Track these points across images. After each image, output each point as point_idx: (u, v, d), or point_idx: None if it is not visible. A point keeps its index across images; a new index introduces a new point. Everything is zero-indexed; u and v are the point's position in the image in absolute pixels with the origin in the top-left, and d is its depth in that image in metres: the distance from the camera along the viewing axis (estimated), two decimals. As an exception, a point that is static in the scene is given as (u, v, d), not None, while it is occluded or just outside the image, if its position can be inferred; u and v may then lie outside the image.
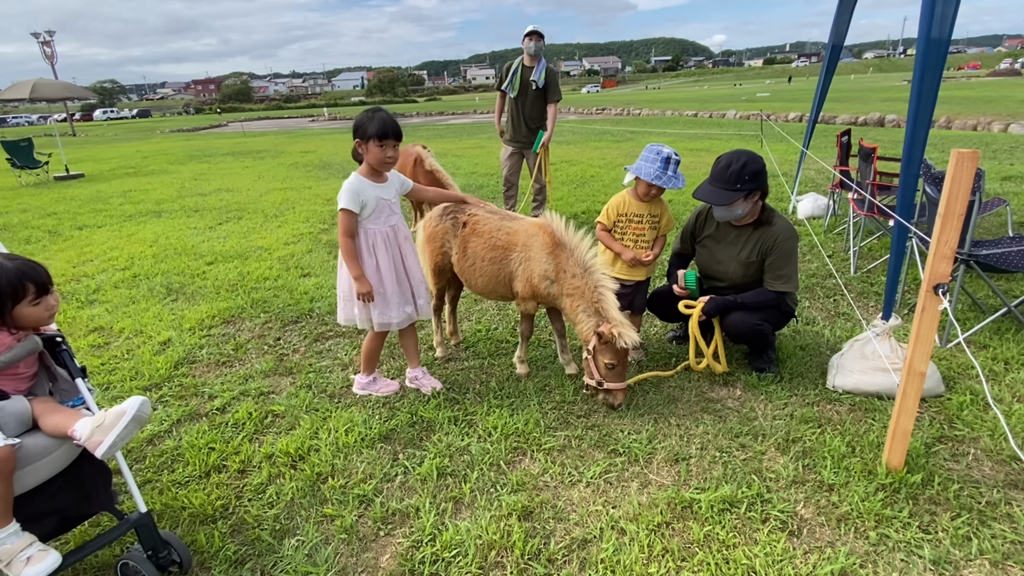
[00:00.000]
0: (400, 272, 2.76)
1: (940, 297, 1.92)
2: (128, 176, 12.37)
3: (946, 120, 14.30)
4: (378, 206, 2.66)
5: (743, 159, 2.75)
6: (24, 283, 1.70)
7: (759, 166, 2.75)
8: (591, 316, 2.64)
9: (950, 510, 2.04)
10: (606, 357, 2.59)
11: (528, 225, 2.84)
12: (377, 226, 2.68)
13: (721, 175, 2.77)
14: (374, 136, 2.53)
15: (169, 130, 34.19)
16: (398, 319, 2.79)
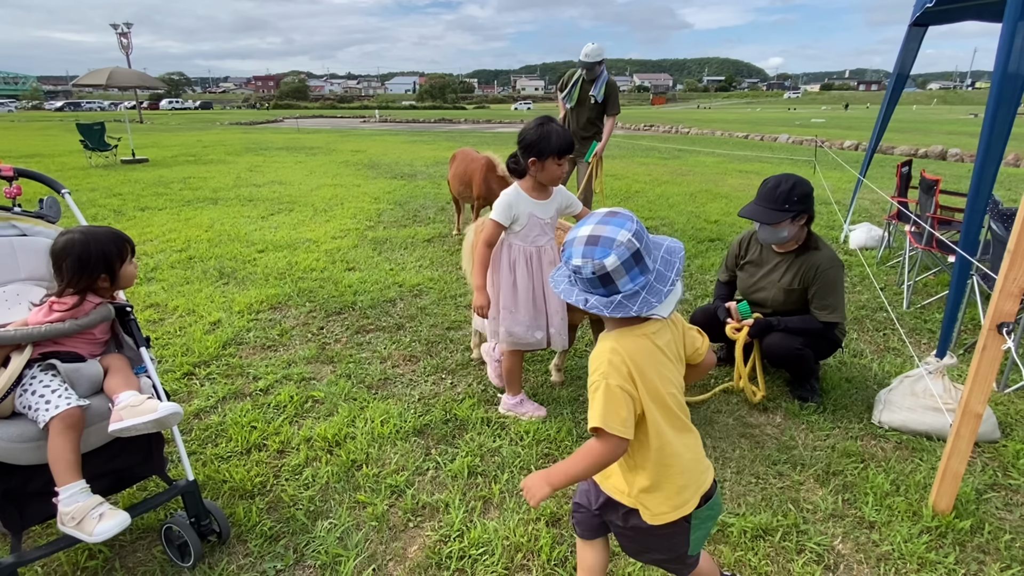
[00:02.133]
0: (538, 295, 2.62)
1: (1004, 336, 1.85)
2: (188, 164, 12.94)
3: (1015, 158, 13.64)
4: (530, 223, 2.52)
5: (792, 180, 2.71)
6: (124, 244, 1.87)
7: (807, 189, 2.70)
8: None
9: (1000, 560, 1.94)
10: None
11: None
12: (524, 243, 2.56)
13: (769, 195, 2.73)
14: (554, 153, 2.37)
15: (228, 122, 35.65)
16: (525, 340, 2.64)
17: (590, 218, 1.25)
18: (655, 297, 1.20)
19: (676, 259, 1.25)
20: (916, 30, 5.17)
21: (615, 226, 1.20)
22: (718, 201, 8.17)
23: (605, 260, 1.18)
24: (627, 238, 1.18)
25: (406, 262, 5.27)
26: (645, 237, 1.21)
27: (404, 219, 7.11)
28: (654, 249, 1.24)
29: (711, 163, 13.14)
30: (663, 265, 1.23)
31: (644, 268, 1.20)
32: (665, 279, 1.22)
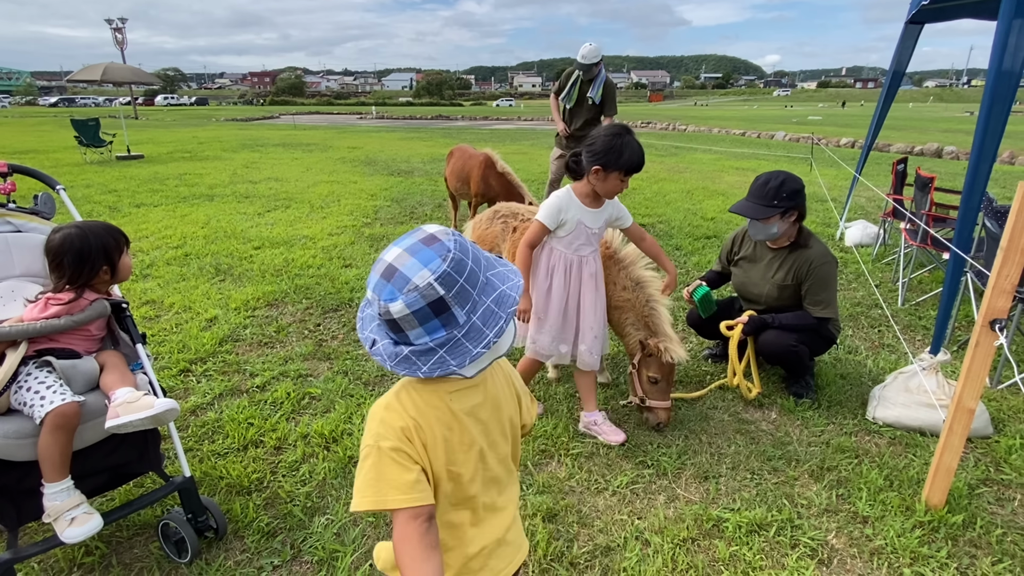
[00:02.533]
0: (571, 307, 2.47)
1: (996, 333, 1.86)
2: (184, 160, 12.89)
3: (1010, 155, 13.70)
4: (577, 230, 2.37)
5: (782, 177, 2.72)
6: (120, 236, 1.89)
7: (798, 185, 2.72)
8: (639, 329, 2.64)
9: (991, 554, 1.96)
10: (650, 371, 2.56)
11: None
12: (566, 250, 2.41)
13: (759, 192, 2.74)
14: (623, 169, 2.20)
15: (224, 119, 35.49)
16: (548, 352, 2.50)
17: (408, 236, 0.96)
18: (457, 358, 0.93)
19: (504, 312, 0.95)
20: (912, 28, 5.19)
21: (418, 261, 0.91)
22: (715, 198, 8.19)
23: (391, 305, 0.90)
24: (426, 281, 0.89)
25: (403, 259, 5.26)
26: (459, 281, 0.91)
27: (401, 216, 7.10)
28: (478, 295, 0.94)
29: (708, 160, 13.15)
30: (484, 318, 0.94)
31: (449, 321, 0.92)
32: (480, 337, 0.94)
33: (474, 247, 0.99)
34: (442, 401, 1.01)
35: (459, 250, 0.93)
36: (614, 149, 2.17)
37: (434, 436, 1.00)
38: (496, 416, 1.09)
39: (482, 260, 0.99)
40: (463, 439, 1.03)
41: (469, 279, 0.93)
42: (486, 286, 0.96)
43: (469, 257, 0.95)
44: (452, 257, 0.91)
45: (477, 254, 0.98)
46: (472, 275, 0.94)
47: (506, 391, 1.12)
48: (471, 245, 0.98)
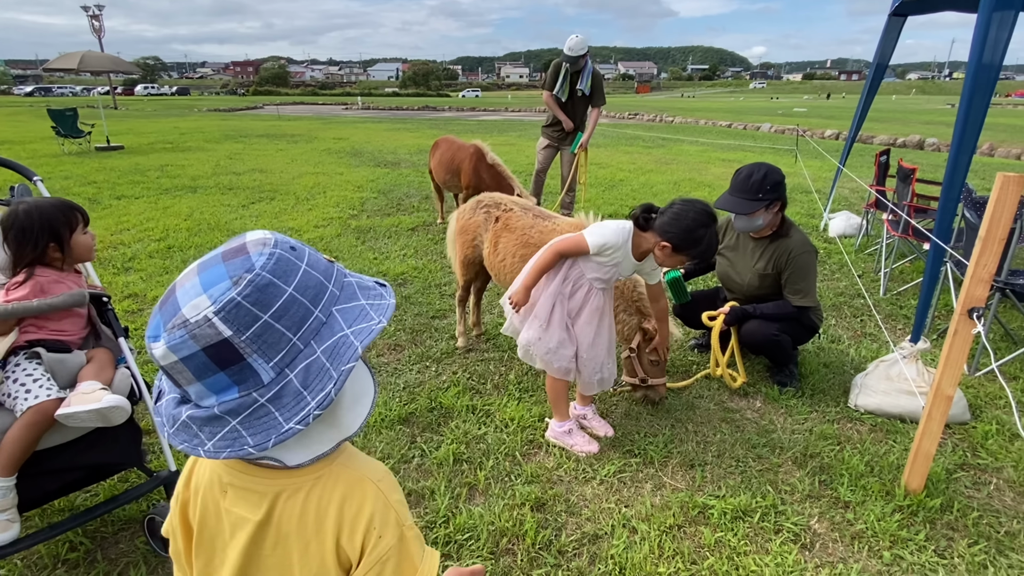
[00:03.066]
0: (572, 326, 2.34)
1: (974, 321, 1.90)
2: (166, 151, 12.67)
3: (989, 147, 13.93)
4: (610, 271, 2.26)
5: (764, 169, 2.74)
6: (73, 212, 1.82)
7: (780, 177, 2.74)
8: (632, 315, 2.68)
9: (968, 537, 2.01)
10: (651, 355, 2.64)
11: (564, 225, 2.85)
12: (586, 272, 2.28)
13: (742, 186, 2.76)
14: (691, 257, 2.11)
15: (206, 109, 34.90)
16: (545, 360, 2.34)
17: (213, 254, 0.68)
18: (259, 434, 0.65)
19: (338, 370, 0.67)
20: (895, 20, 5.23)
21: (200, 282, 0.64)
22: (701, 190, 8.23)
23: (153, 346, 0.65)
24: (201, 315, 0.62)
25: (390, 251, 5.24)
26: (262, 318, 0.64)
27: (388, 207, 7.06)
28: (302, 339, 0.67)
29: (695, 152, 13.20)
30: (307, 376, 0.66)
31: (246, 377, 0.65)
32: (298, 405, 0.66)
33: (316, 263, 0.71)
34: (218, 486, 0.77)
35: (272, 270, 0.65)
36: (697, 239, 2.05)
37: (202, 523, 0.80)
38: (276, 563, 0.77)
39: (326, 287, 0.70)
40: (211, 545, 0.80)
41: (283, 315, 0.65)
42: (321, 328, 0.69)
43: (292, 281, 0.66)
44: (252, 281, 0.63)
45: (311, 278, 0.69)
46: (290, 309, 0.66)
47: (312, 538, 0.75)
48: (310, 261, 0.70)
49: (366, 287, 0.76)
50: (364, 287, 0.76)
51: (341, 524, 0.74)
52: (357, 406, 0.75)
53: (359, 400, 0.75)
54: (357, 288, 0.75)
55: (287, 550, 0.76)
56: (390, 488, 0.79)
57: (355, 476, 0.77)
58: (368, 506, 0.75)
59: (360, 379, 0.77)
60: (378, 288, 0.77)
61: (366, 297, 0.74)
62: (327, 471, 0.75)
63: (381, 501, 0.76)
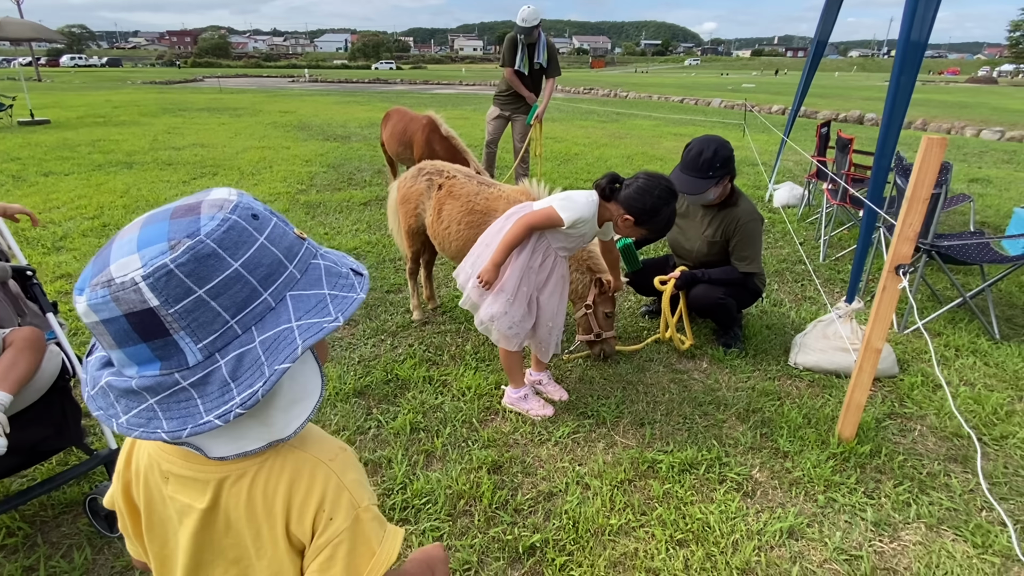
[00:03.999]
0: (533, 299, 2.35)
1: (900, 277, 2.02)
2: (97, 125, 11.89)
3: (923, 122, 14.64)
4: (576, 241, 2.31)
5: (713, 146, 2.79)
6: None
7: (728, 152, 2.81)
8: (584, 273, 2.74)
9: (894, 478, 2.17)
10: (606, 307, 2.77)
11: (509, 192, 2.85)
12: (553, 243, 2.30)
13: (693, 164, 2.81)
14: (652, 231, 2.20)
15: (141, 81, 32.84)
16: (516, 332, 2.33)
17: (165, 208, 0.64)
18: (175, 420, 0.60)
19: (271, 367, 0.60)
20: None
21: (137, 239, 0.59)
22: (654, 163, 8.36)
23: (76, 299, 0.60)
24: (128, 277, 0.56)
25: (341, 226, 5.12)
26: (196, 292, 0.57)
27: (338, 182, 6.87)
28: (240, 324, 0.60)
29: (648, 126, 13.35)
30: (237, 366, 0.60)
31: (170, 353, 0.59)
32: (223, 396, 0.60)
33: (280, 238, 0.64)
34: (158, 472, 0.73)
35: (220, 238, 0.58)
36: (659, 215, 2.12)
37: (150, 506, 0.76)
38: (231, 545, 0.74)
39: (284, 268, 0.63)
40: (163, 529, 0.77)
41: (223, 292, 0.58)
42: (267, 314, 0.61)
43: (242, 255, 0.59)
44: (192, 248, 0.56)
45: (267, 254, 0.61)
46: (232, 287, 0.59)
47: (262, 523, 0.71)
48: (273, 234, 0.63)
49: (337, 273, 0.68)
50: (334, 273, 0.68)
51: (290, 509, 0.70)
52: (295, 408, 0.66)
53: (298, 403, 0.67)
54: (325, 273, 0.67)
55: (239, 534, 0.72)
56: (344, 467, 0.73)
57: (303, 458, 0.71)
58: (317, 488, 0.70)
59: (303, 379, 0.68)
60: (352, 277, 0.69)
61: (332, 285, 0.66)
62: (272, 454, 0.70)
63: (333, 482, 0.71)
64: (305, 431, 0.74)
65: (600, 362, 2.95)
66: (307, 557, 0.72)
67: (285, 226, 0.66)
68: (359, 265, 0.72)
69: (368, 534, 0.72)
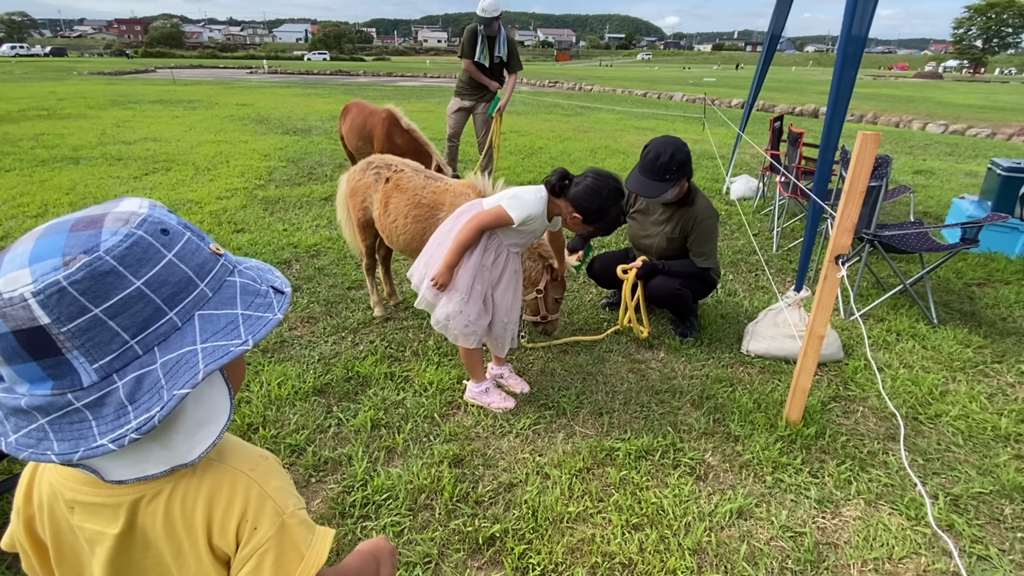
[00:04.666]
0: (488, 296, 2.35)
1: (839, 266, 2.12)
2: (40, 119, 11.34)
3: (873, 115, 15.21)
4: (527, 237, 2.34)
5: (670, 150, 2.83)
6: None
7: (684, 155, 2.86)
8: (535, 260, 2.82)
9: (836, 458, 2.28)
10: (556, 293, 2.88)
11: (455, 185, 2.86)
12: (505, 240, 2.30)
13: (651, 167, 2.86)
14: (599, 229, 2.25)
15: (88, 72, 31.40)
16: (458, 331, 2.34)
17: (67, 218, 0.60)
18: (67, 442, 0.56)
19: (169, 392, 0.57)
20: (786, -7, 5.54)
21: (30, 253, 0.54)
22: (616, 157, 8.47)
23: None
24: (16, 294, 0.53)
25: (301, 222, 5.04)
26: (92, 311, 0.54)
27: (298, 176, 6.74)
28: (142, 344, 0.57)
29: (611, 120, 13.50)
30: (134, 389, 0.57)
31: (62, 373, 0.56)
32: (119, 419, 0.57)
33: (191, 255, 0.61)
34: (62, 502, 0.69)
35: (121, 255, 0.55)
36: (608, 215, 2.18)
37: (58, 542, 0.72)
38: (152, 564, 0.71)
39: (195, 285, 0.60)
40: (75, 560, 0.73)
41: (122, 311, 0.55)
42: (172, 335, 0.59)
43: (145, 272, 0.56)
44: (89, 265, 0.54)
45: (175, 271, 0.59)
46: (133, 306, 0.56)
47: (183, 540, 0.69)
48: (183, 251, 0.60)
49: (255, 291, 0.65)
50: (251, 291, 0.65)
51: (211, 523, 0.68)
52: (201, 431, 0.63)
53: (204, 426, 0.63)
54: (240, 292, 0.64)
55: (159, 553, 0.70)
56: (266, 476, 0.72)
57: (222, 470, 0.70)
58: (239, 499, 0.69)
59: (209, 402, 0.64)
60: (271, 295, 0.66)
61: (247, 305, 0.63)
62: (189, 471, 0.67)
63: (255, 492, 0.70)
64: (223, 443, 0.73)
65: (544, 336, 3.14)
66: (233, 568, 0.70)
67: (200, 241, 0.63)
68: (282, 281, 0.70)
69: (296, 539, 0.71)
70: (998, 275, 4.17)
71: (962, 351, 3.11)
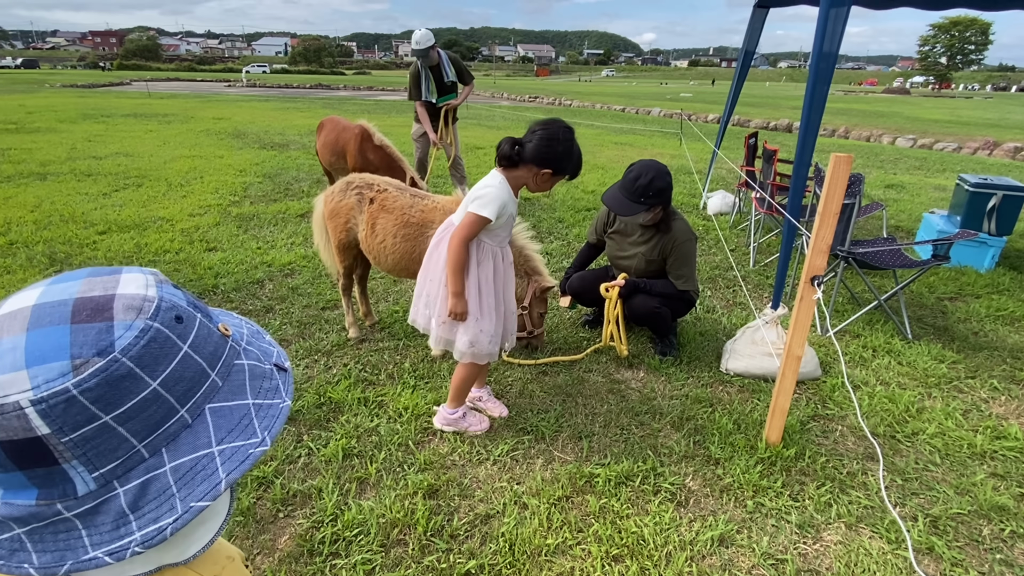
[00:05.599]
0: (499, 300, 2.31)
1: (815, 288, 2.11)
2: (7, 132, 11.04)
3: (845, 130, 15.58)
4: (508, 222, 2.25)
5: (651, 175, 2.83)
6: None
7: (664, 183, 2.86)
8: (523, 278, 2.89)
9: (816, 480, 2.26)
10: (540, 308, 3.01)
11: (444, 202, 2.83)
12: (492, 242, 2.25)
13: (630, 186, 2.87)
14: (570, 175, 2.16)
15: (60, 84, 30.81)
16: (489, 352, 2.30)
17: (66, 284, 0.49)
18: (47, 552, 0.48)
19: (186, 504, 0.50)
20: (760, 11, 5.65)
21: (26, 352, 0.45)
22: (595, 172, 8.51)
23: None
24: (9, 401, 0.44)
25: (276, 239, 4.94)
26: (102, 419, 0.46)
27: (274, 193, 6.63)
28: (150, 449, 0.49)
29: (590, 135, 13.60)
30: (139, 498, 0.49)
31: (53, 481, 0.47)
32: (118, 532, 0.48)
33: (205, 340, 0.53)
34: None
35: (139, 355, 0.47)
36: (572, 154, 2.10)
37: None
38: None
39: (207, 376, 0.52)
40: None
41: (135, 416, 0.48)
42: (182, 433, 0.51)
43: (163, 371, 0.49)
44: (104, 370, 0.45)
45: (191, 365, 0.51)
46: (147, 409, 0.48)
47: None
48: (198, 338, 0.52)
49: (261, 374, 0.57)
50: (258, 374, 0.57)
51: None
52: (200, 529, 0.56)
53: (204, 523, 0.57)
54: (248, 377, 0.56)
55: None
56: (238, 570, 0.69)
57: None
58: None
59: None
60: (275, 377, 0.58)
61: (256, 391, 0.56)
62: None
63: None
64: None
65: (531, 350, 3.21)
66: None
67: (209, 323, 0.55)
68: (282, 355, 0.62)
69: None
70: (968, 289, 4.24)
71: (936, 367, 3.13)
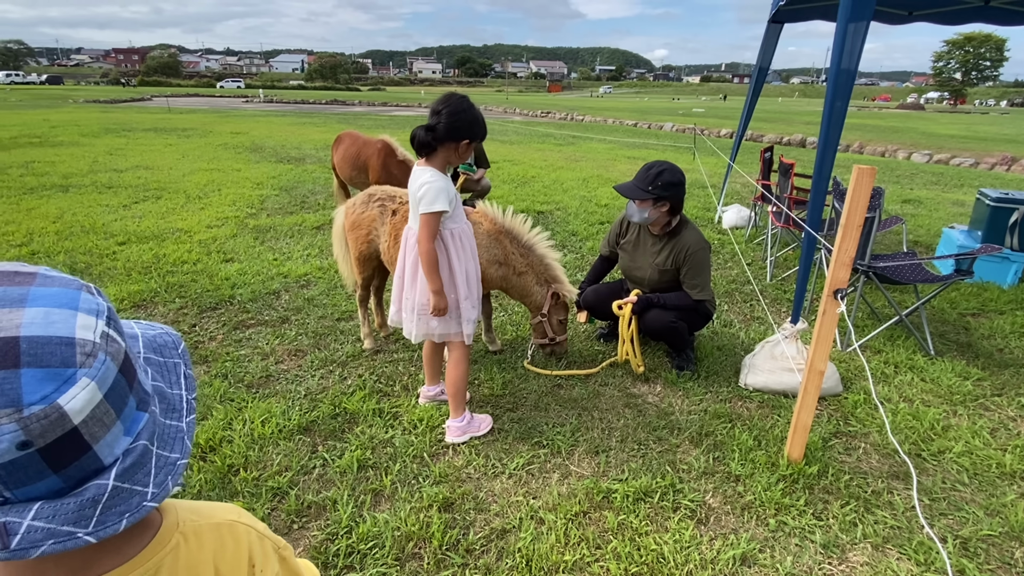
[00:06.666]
0: (472, 275, 2.40)
1: (838, 301, 2.08)
2: (32, 146, 11.31)
3: (859, 145, 15.49)
4: (456, 203, 2.32)
5: (663, 167, 2.90)
6: None
7: (675, 178, 2.87)
8: (542, 285, 2.92)
9: (840, 498, 2.20)
10: (559, 315, 3.01)
11: (468, 213, 2.84)
12: (459, 224, 2.33)
13: (641, 175, 2.93)
14: (479, 138, 2.28)
15: (84, 100, 31.59)
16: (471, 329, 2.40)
17: None
18: None
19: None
20: (774, 27, 5.66)
21: None
22: (608, 186, 8.51)
23: None
24: None
25: (292, 251, 4.98)
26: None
27: (290, 205, 6.71)
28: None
29: (603, 150, 13.65)
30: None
31: None
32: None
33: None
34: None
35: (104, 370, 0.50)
36: (478, 120, 2.22)
37: None
38: None
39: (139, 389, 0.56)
40: None
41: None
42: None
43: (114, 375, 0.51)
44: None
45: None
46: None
47: None
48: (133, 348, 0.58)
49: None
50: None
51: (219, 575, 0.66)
52: None
53: None
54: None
55: None
56: (251, 519, 0.74)
57: (213, 526, 0.68)
58: (243, 546, 0.69)
59: None
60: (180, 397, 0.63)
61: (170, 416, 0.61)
62: (180, 536, 0.64)
63: (253, 535, 0.71)
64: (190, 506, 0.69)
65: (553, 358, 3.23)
66: None
67: None
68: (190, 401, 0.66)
69: (298, 569, 0.79)
70: (992, 305, 4.15)
71: (961, 384, 3.06)
